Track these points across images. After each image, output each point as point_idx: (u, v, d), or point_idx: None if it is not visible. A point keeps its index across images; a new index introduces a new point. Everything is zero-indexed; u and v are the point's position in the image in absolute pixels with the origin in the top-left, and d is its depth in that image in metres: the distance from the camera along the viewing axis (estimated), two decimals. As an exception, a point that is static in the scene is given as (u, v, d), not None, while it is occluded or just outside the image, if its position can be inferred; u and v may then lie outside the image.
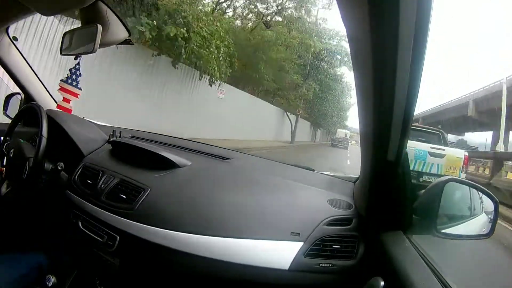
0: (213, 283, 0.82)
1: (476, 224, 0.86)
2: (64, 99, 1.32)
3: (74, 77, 1.32)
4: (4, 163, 1.13)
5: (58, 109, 1.39)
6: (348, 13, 0.46)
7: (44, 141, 0.99)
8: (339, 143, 25.16)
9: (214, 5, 11.56)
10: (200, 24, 7.92)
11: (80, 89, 1.35)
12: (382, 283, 0.64)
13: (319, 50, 15.57)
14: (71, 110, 1.35)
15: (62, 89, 1.31)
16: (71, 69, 1.32)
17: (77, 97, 1.34)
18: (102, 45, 1.00)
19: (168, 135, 1.46)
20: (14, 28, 1.24)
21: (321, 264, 0.78)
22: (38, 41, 5.20)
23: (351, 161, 13.47)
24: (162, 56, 8.04)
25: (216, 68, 8.52)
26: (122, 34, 1.05)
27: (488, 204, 0.84)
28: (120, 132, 1.27)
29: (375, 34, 0.44)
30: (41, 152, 0.98)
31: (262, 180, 1.03)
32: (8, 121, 1.26)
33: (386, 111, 0.54)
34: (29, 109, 1.13)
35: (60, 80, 1.31)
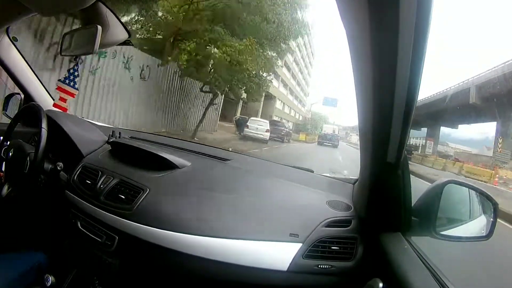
0: (212, 284, 0.82)
1: (475, 226, 0.85)
2: (61, 98, 1.33)
3: (72, 77, 1.33)
4: (3, 168, 1.13)
5: (57, 110, 1.39)
6: (348, 13, 0.46)
7: (44, 133, 0.99)
8: (327, 141, 20.77)
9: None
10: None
11: (77, 89, 1.35)
12: (380, 284, 0.64)
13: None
14: (67, 109, 1.35)
15: (59, 88, 1.33)
16: (69, 69, 1.33)
17: (74, 96, 1.35)
18: (102, 45, 1.00)
19: (168, 136, 1.46)
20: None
21: (319, 266, 0.78)
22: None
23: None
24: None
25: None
26: (122, 35, 1.05)
27: (487, 206, 0.83)
28: (120, 133, 1.28)
29: (375, 34, 0.44)
30: (43, 144, 0.97)
31: (261, 181, 1.03)
32: (8, 121, 1.26)
33: (386, 113, 0.54)
34: (29, 109, 1.14)
35: (58, 80, 1.32)
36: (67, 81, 1.26)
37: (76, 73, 1.26)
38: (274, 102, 26.04)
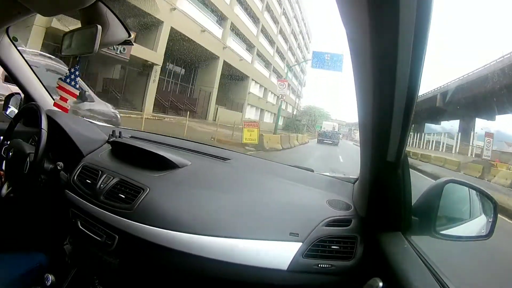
0: (212, 283, 0.82)
1: (475, 225, 0.85)
2: (62, 98, 1.31)
3: (73, 76, 1.32)
4: (3, 167, 1.13)
5: (57, 109, 1.39)
6: (348, 13, 0.46)
7: (44, 134, 0.99)
8: (327, 138, 20.24)
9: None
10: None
11: (78, 89, 1.34)
12: (380, 284, 0.64)
13: None
14: (68, 109, 1.35)
15: (60, 87, 1.31)
16: (70, 68, 1.32)
17: (75, 97, 1.34)
18: (102, 45, 1.01)
19: (168, 136, 1.46)
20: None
21: (319, 265, 0.78)
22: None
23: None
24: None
25: None
26: (122, 34, 1.05)
27: (487, 205, 0.84)
28: (120, 132, 1.28)
29: (375, 34, 0.44)
30: (43, 145, 0.98)
31: (261, 180, 1.03)
32: (8, 121, 1.26)
33: (385, 112, 0.55)
34: (29, 109, 1.14)
35: (59, 79, 1.31)
36: (67, 80, 1.22)
37: (77, 72, 1.23)
38: (246, 84, 18.64)
